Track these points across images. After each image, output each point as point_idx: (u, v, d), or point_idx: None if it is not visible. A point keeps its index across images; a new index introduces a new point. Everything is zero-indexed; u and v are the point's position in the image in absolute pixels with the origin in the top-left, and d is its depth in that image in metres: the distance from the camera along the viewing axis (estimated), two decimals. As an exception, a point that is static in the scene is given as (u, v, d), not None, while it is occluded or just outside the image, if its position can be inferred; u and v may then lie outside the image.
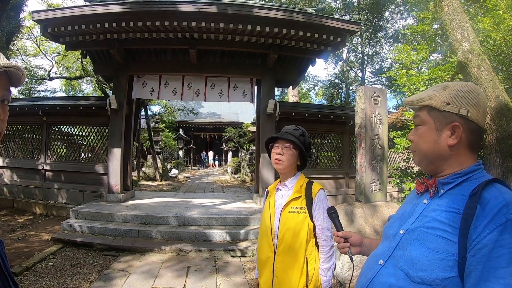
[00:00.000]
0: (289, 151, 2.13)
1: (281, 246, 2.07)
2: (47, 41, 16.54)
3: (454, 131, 1.14)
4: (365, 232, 4.83)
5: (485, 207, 0.99)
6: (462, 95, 1.14)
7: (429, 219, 1.13)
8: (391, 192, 10.13)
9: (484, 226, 0.96)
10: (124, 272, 5.09)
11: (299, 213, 2.08)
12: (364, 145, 5.54)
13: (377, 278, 1.21)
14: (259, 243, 2.29)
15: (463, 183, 1.13)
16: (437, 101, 1.17)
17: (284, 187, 2.21)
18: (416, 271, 1.07)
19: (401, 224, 1.25)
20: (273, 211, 2.18)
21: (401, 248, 1.17)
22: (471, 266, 0.96)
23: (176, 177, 19.16)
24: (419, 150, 1.25)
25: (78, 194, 9.67)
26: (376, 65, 27.73)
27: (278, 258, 2.09)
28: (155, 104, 22.24)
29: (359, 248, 1.56)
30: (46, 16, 7.87)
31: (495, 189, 1.03)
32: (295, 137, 2.12)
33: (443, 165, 1.19)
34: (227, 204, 9.20)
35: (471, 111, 1.12)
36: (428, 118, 1.20)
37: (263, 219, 2.27)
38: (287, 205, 2.12)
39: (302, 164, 2.23)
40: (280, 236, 2.08)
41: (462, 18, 5.38)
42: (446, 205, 1.11)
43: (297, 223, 2.06)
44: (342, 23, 8.27)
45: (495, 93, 4.98)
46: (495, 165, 5.00)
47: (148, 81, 9.91)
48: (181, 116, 24.72)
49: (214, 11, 7.46)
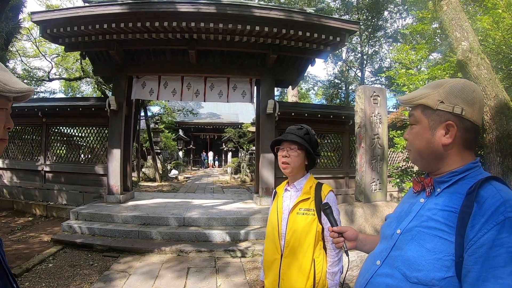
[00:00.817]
0: (295, 152, 2.07)
1: (288, 248, 2.02)
2: (46, 42, 16.51)
3: (448, 130, 1.12)
4: (365, 232, 4.82)
5: (482, 205, 0.98)
6: (456, 93, 1.12)
7: (425, 218, 1.11)
8: (391, 192, 10.12)
9: (482, 225, 0.95)
10: (124, 273, 5.09)
11: (308, 215, 2.02)
12: (364, 145, 5.53)
13: (374, 279, 1.20)
14: (266, 244, 2.23)
15: (460, 182, 1.12)
16: (430, 99, 1.15)
17: (293, 188, 2.15)
18: (413, 272, 1.06)
19: (398, 223, 1.23)
20: (280, 212, 2.13)
21: (398, 248, 1.16)
22: (469, 266, 0.95)
23: (176, 177, 19.14)
24: (414, 149, 1.24)
25: (78, 195, 9.66)
26: (375, 64, 27.71)
27: (284, 260, 2.03)
28: (155, 105, 22.22)
29: (354, 243, 1.55)
30: (45, 17, 7.87)
31: (492, 187, 1.02)
32: (299, 137, 2.07)
33: (438, 164, 1.18)
34: (227, 205, 9.20)
35: (465, 109, 1.10)
36: (422, 117, 1.19)
37: (270, 220, 2.22)
38: (295, 206, 2.06)
39: (310, 163, 2.17)
40: (287, 238, 2.03)
41: (461, 17, 5.38)
42: (442, 204, 1.10)
43: (305, 225, 2.00)
44: (341, 23, 8.27)
45: (495, 92, 4.98)
46: (495, 164, 5.00)
47: (148, 82, 9.90)
48: (181, 116, 24.75)
49: (213, 11, 7.46)
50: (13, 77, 0.98)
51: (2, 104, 0.97)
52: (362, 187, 5.49)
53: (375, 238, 1.50)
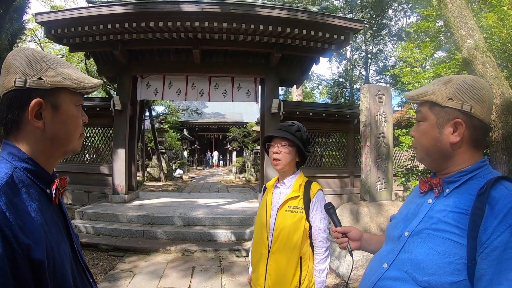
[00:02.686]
0: (286, 148, 2.08)
1: (276, 244, 2.05)
2: (51, 43, 16.54)
3: (457, 128, 1.10)
4: (370, 231, 4.81)
5: (494, 207, 0.95)
6: (465, 89, 1.09)
7: (435, 220, 1.09)
8: (396, 191, 10.07)
9: (494, 227, 0.93)
10: (129, 273, 5.10)
11: (296, 213, 2.04)
12: (369, 144, 5.51)
13: (381, 282, 1.18)
14: (254, 239, 2.26)
15: (469, 181, 1.09)
16: (439, 96, 1.13)
17: (283, 185, 2.17)
18: (423, 275, 1.03)
19: (405, 225, 1.20)
20: (269, 209, 2.15)
21: (407, 251, 1.13)
22: (482, 270, 0.92)
23: (180, 177, 19.18)
24: (420, 147, 1.22)
25: (83, 195, 9.70)
26: (380, 63, 27.59)
27: (272, 256, 2.06)
28: (159, 105, 22.29)
29: (358, 243, 1.53)
30: (49, 18, 7.89)
31: (503, 187, 0.99)
32: (291, 134, 2.07)
33: (446, 162, 1.15)
34: (232, 204, 9.20)
35: (474, 107, 1.08)
36: (430, 114, 1.16)
37: (259, 215, 2.24)
38: (284, 203, 2.08)
39: (300, 160, 2.18)
40: (275, 234, 2.06)
41: (466, 15, 5.33)
42: (452, 205, 1.07)
43: (293, 223, 2.03)
44: (345, 21, 8.23)
45: (501, 90, 4.93)
46: (501, 162, 4.96)
47: (152, 82, 9.92)
48: (185, 116, 24.82)
49: (217, 10, 7.45)
50: (83, 74, 1.06)
51: (79, 101, 1.05)
52: (367, 186, 5.47)
53: (380, 238, 1.47)
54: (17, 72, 0.92)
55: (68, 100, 1.00)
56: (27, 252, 0.80)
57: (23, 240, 0.80)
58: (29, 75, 0.93)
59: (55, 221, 0.99)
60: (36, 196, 0.92)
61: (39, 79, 0.93)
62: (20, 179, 0.89)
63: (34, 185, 0.93)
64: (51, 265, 0.86)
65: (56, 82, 0.96)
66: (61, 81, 0.97)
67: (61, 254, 0.94)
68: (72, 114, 1.02)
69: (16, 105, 0.92)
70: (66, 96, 1.00)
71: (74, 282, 0.97)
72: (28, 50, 0.97)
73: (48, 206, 0.97)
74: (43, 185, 0.96)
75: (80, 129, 1.07)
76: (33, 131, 0.95)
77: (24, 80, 0.92)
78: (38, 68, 0.94)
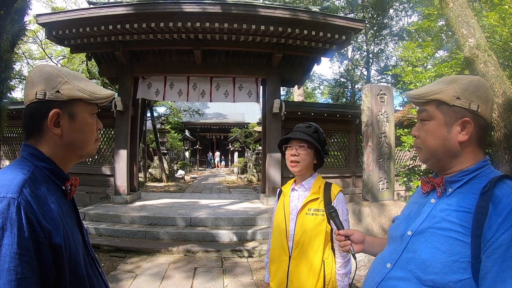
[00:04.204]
0: (304, 150, 2.01)
1: (297, 249, 1.97)
2: (52, 44, 16.62)
3: (464, 127, 1.10)
4: (373, 231, 4.80)
5: (498, 205, 0.96)
6: (472, 89, 1.10)
7: (439, 219, 1.09)
8: (398, 191, 10.06)
9: (498, 225, 0.93)
10: (131, 273, 5.10)
11: (317, 215, 1.96)
12: (371, 144, 5.50)
13: (385, 282, 1.17)
14: (272, 245, 2.17)
15: (472, 181, 1.09)
16: (446, 95, 1.12)
17: (301, 188, 2.10)
18: (428, 275, 1.03)
19: (408, 225, 1.20)
20: (288, 213, 2.06)
21: (410, 250, 1.13)
22: (487, 268, 0.93)
23: (182, 178, 19.17)
24: (426, 147, 1.20)
25: (85, 196, 9.70)
26: (381, 63, 27.64)
27: (293, 262, 1.98)
28: (161, 105, 22.30)
29: (361, 246, 1.51)
30: (51, 19, 7.91)
31: (506, 186, 1.00)
32: (309, 135, 2.01)
33: (451, 162, 1.15)
34: (234, 205, 9.20)
35: (481, 106, 1.09)
36: (437, 113, 1.15)
37: (276, 220, 2.15)
38: (304, 206, 2.01)
39: (318, 162, 2.12)
40: (296, 239, 1.98)
41: (467, 14, 5.32)
42: (456, 204, 1.07)
43: (315, 226, 1.95)
44: (346, 21, 8.24)
45: (503, 89, 4.92)
46: (503, 162, 4.95)
47: (153, 83, 9.93)
48: (187, 117, 24.78)
49: (218, 11, 7.46)
50: (97, 86, 1.19)
51: (93, 110, 1.19)
52: (369, 186, 5.46)
53: (383, 241, 1.46)
54: (38, 86, 1.05)
55: (83, 109, 1.13)
56: (49, 236, 0.92)
57: (45, 225, 0.92)
58: (48, 88, 1.05)
59: (69, 213, 1.11)
60: (54, 190, 1.05)
61: (57, 92, 1.06)
62: (40, 175, 1.02)
63: (52, 181, 1.06)
64: (67, 251, 0.98)
65: (71, 95, 1.08)
66: (76, 93, 1.09)
67: (76, 242, 1.06)
68: (87, 122, 1.16)
69: (37, 115, 1.05)
70: (82, 106, 1.12)
71: (86, 270, 1.07)
72: (48, 66, 1.10)
73: (64, 200, 1.10)
74: (59, 181, 1.09)
75: (95, 135, 1.22)
76: (52, 137, 1.07)
77: (44, 93, 1.05)
78: (56, 82, 1.07)
